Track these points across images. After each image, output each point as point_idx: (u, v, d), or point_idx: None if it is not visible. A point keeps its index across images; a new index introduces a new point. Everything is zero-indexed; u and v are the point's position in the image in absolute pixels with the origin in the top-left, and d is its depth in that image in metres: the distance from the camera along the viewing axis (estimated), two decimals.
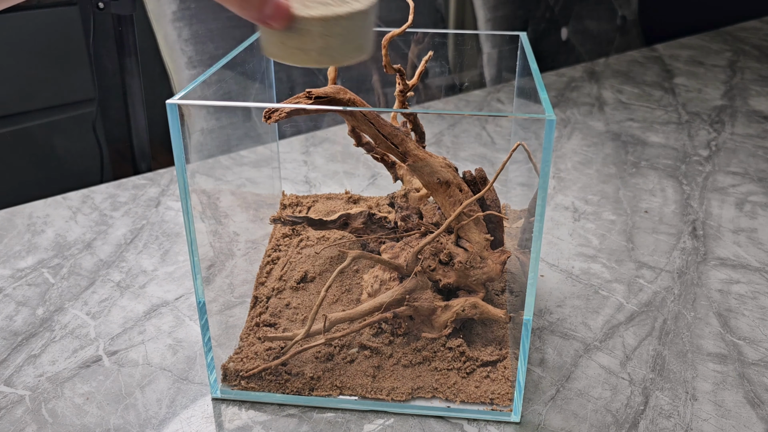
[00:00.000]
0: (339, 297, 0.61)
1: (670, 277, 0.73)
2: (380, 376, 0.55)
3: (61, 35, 1.43)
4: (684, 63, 1.49)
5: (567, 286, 0.71)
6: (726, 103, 1.26)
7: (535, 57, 0.56)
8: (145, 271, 0.72)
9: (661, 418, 0.54)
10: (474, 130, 1.10)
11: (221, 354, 0.56)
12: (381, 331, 0.57)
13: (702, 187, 0.93)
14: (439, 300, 0.56)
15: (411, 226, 0.60)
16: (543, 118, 0.44)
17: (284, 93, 0.50)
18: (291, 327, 0.59)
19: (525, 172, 0.59)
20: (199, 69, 1.54)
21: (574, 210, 0.86)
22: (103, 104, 1.53)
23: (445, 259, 0.56)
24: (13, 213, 0.84)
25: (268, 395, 0.55)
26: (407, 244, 0.58)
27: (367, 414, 0.54)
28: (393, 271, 0.57)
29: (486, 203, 0.58)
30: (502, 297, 0.62)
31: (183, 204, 0.49)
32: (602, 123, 1.16)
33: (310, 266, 0.64)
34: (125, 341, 0.62)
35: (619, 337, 0.63)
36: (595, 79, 1.38)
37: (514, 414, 0.53)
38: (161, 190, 0.90)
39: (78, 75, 1.47)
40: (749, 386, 0.57)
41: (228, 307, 0.60)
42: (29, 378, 0.57)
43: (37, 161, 1.49)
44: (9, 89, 1.39)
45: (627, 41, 2.26)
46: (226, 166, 0.92)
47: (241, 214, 0.69)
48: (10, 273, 0.72)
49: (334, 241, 0.67)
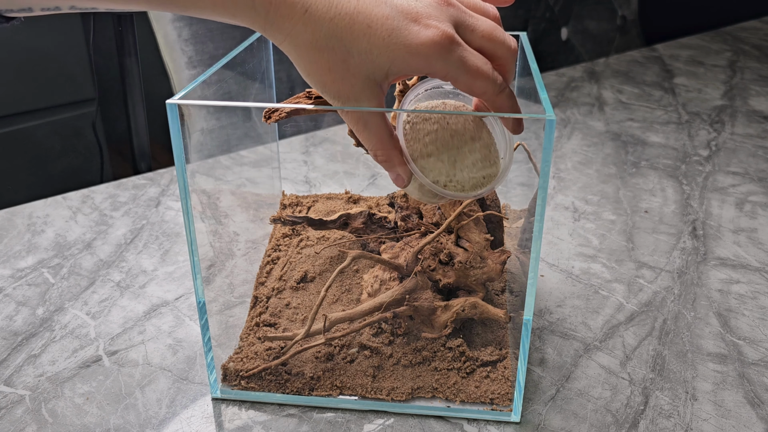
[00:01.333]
0: (339, 297, 0.61)
1: (670, 277, 0.73)
2: (380, 376, 0.55)
3: (61, 35, 1.43)
4: (684, 63, 1.49)
5: (567, 286, 0.71)
6: (726, 103, 1.26)
7: (535, 57, 0.56)
8: (145, 271, 0.72)
9: (661, 418, 0.54)
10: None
11: (221, 354, 0.56)
12: (381, 331, 0.57)
13: (702, 187, 0.93)
14: (439, 300, 0.56)
15: (411, 226, 0.60)
16: (543, 118, 0.44)
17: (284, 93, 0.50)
18: (291, 327, 0.59)
19: (525, 172, 0.59)
20: (199, 69, 1.54)
21: (574, 210, 0.86)
22: (103, 104, 1.53)
23: (445, 259, 0.56)
24: (13, 213, 0.84)
25: (268, 395, 0.55)
26: (407, 244, 0.58)
27: (367, 414, 0.54)
28: (393, 271, 0.57)
29: (486, 203, 0.58)
30: (502, 297, 0.62)
31: (183, 204, 0.49)
32: (602, 123, 1.16)
33: (310, 266, 0.64)
34: (125, 341, 0.62)
35: (619, 337, 0.63)
36: (595, 79, 1.38)
37: (514, 414, 0.53)
38: (161, 190, 0.90)
39: (78, 75, 1.47)
40: (749, 386, 0.57)
41: (228, 307, 0.60)
42: (29, 378, 0.57)
43: (37, 161, 1.49)
44: (9, 89, 1.39)
45: (627, 41, 2.26)
46: (226, 166, 0.92)
47: (241, 214, 0.69)
48: (10, 273, 0.72)
49: (334, 241, 0.67)
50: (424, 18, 0.41)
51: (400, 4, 0.41)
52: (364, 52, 0.41)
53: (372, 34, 0.41)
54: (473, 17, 0.44)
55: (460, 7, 0.43)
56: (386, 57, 0.41)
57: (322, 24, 0.40)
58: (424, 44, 0.41)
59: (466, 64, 0.42)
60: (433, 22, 0.41)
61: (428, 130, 0.47)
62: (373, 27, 0.41)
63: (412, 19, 0.41)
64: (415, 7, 0.42)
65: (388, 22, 0.41)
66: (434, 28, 0.41)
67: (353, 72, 0.42)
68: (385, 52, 0.41)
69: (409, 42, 0.41)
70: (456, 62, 0.42)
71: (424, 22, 0.41)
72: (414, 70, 0.42)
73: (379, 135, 0.45)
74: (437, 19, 0.42)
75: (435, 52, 0.41)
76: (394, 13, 0.41)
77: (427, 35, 0.41)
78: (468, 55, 0.42)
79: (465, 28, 0.43)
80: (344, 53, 0.41)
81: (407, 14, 0.41)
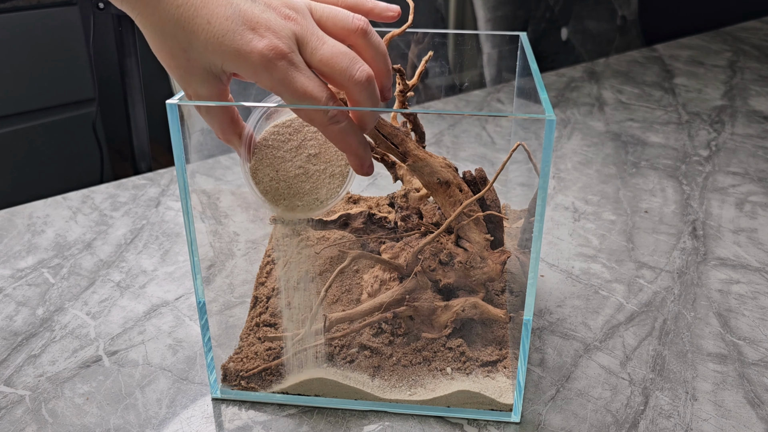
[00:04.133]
0: (339, 297, 0.61)
1: (670, 277, 0.73)
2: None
3: (61, 35, 1.43)
4: (684, 63, 1.49)
5: (567, 286, 0.71)
6: (726, 103, 1.26)
7: (535, 57, 0.56)
8: (145, 271, 0.72)
9: (661, 418, 0.54)
10: (474, 130, 1.10)
11: (221, 354, 0.56)
12: (381, 331, 0.57)
13: (702, 187, 0.93)
14: (439, 300, 0.56)
15: (411, 226, 0.60)
16: (543, 118, 0.44)
17: None
18: (291, 327, 0.59)
19: (525, 172, 0.59)
20: None
21: (574, 210, 0.86)
22: (103, 104, 1.53)
23: (445, 259, 0.56)
24: (13, 213, 0.84)
25: (268, 395, 0.55)
26: (407, 244, 0.58)
27: (367, 414, 0.54)
28: (393, 271, 0.57)
29: (486, 203, 0.58)
30: (502, 297, 0.62)
31: (183, 204, 0.49)
32: (602, 123, 1.16)
33: (310, 266, 0.64)
34: (125, 341, 0.62)
35: (619, 337, 0.63)
36: (595, 79, 1.38)
37: (514, 414, 0.53)
38: (161, 190, 0.90)
39: (78, 75, 1.47)
40: (749, 386, 0.57)
41: (228, 307, 0.60)
42: (29, 378, 0.57)
43: (37, 161, 1.49)
44: (9, 89, 1.39)
45: (627, 41, 2.26)
46: (226, 166, 0.92)
47: (241, 214, 0.69)
48: (10, 273, 0.72)
49: (334, 241, 0.67)
50: (263, 28, 0.41)
51: (244, 10, 0.41)
52: (201, 47, 0.41)
53: (209, 31, 0.41)
54: (319, 39, 0.43)
55: (306, 26, 0.43)
56: (218, 56, 0.41)
57: (170, 9, 0.41)
58: (251, 53, 0.41)
59: (292, 85, 0.41)
60: (269, 35, 0.41)
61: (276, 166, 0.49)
62: (212, 24, 0.41)
63: (250, 26, 0.41)
64: (256, 15, 0.41)
65: (227, 23, 0.41)
66: (266, 40, 0.41)
67: (192, 63, 0.42)
68: (218, 51, 0.41)
69: (239, 48, 0.41)
70: (280, 80, 0.41)
71: (261, 32, 0.41)
72: (246, 76, 0.42)
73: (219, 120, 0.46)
74: (275, 32, 0.41)
75: (261, 64, 0.41)
76: (234, 16, 0.41)
77: (255, 45, 0.41)
78: (296, 75, 0.41)
79: (305, 48, 0.42)
80: (185, 43, 0.41)
81: (247, 20, 0.41)
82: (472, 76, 0.77)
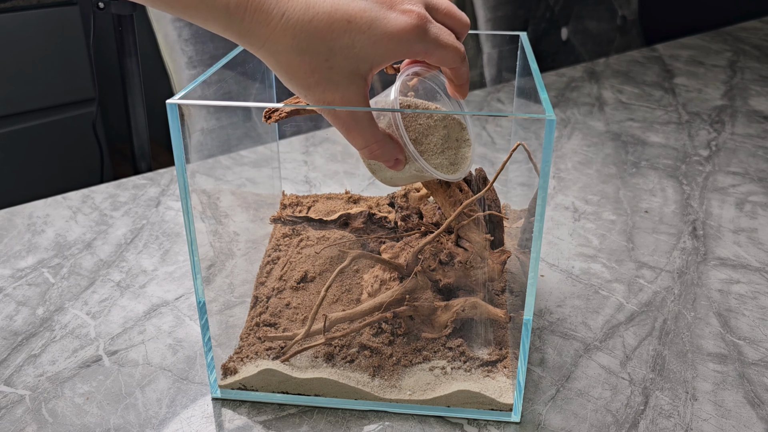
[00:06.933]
0: (339, 297, 0.61)
1: (670, 277, 0.73)
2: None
3: (61, 35, 1.43)
4: (684, 63, 1.49)
5: (567, 286, 0.71)
6: (726, 103, 1.26)
7: (535, 57, 0.56)
8: (145, 271, 0.72)
9: (661, 418, 0.54)
10: (474, 130, 1.10)
11: (221, 354, 0.56)
12: (381, 331, 0.57)
13: (702, 187, 0.93)
14: (439, 300, 0.56)
15: (411, 226, 0.60)
16: (543, 118, 0.44)
17: (284, 93, 0.50)
18: (291, 327, 0.59)
19: (525, 172, 0.59)
20: (199, 69, 1.54)
21: (574, 210, 0.86)
22: (103, 104, 1.53)
23: (445, 259, 0.56)
24: (13, 213, 0.84)
25: (268, 395, 0.55)
26: (407, 244, 0.58)
27: (367, 414, 0.54)
28: (393, 271, 0.57)
29: (486, 203, 0.58)
30: (502, 297, 0.62)
31: (183, 204, 0.49)
32: (602, 123, 1.16)
33: (310, 266, 0.64)
34: (125, 341, 0.62)
35: (619, 337, 0.63)
36: (595, 79, 1.38)
37: (514, 414, 0.53)
38: (161, 190, 0.90)
39: (78, 75, 1.47)
40: (749, 386, 0.57)
41: (228, 307, 0.60)
42: (29, 378, 0.57)
43: (37, 161, 1.49)
44: (9, 89, 1.39)
45: (627, 41, 2.26)
46: (226, 166, 0.92)
47: (241, 214, 0.69)
48: (10, 273, 0.72)
49: (334, 241, 0.67)
50: (399, 3, 0.42)
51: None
52: (347, 48, 0.41)
53: (352, 29, 0.41)
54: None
55: None
56: (370, 48, 0.41)
57: (302, 27, 0.40)
58: (404, 29, 0.42)
59: (440, 41, 0.44)
60: (408, 6, 0.42)
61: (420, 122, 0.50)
62: (353, 21, 0.41)
63: (388, 6, 0.42)
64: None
65: (367, 14, 0.41)
66: (410, 13, 0.42)
67: (337, 70, 0.42)
68: (368, 44, 0.41)
69: (390, 30, 0.41)
70: (433, 41, 0.43)
71: (400, 8, 0.42)
72: (396, 57, 0.43)
73: (372, 130, 0.46)
74: (410, 2, 0.43)
75: (415, 35, 0.42)
76: (370, 5, 0.41)
77: (406, 21, 0.42)
78: (439, 31, 0.44)
79: (430, 8, 0.45)
80: (327, 53, 0.41)
81: (383, 3, 0.42)
82: (472, 76, 0.77)
